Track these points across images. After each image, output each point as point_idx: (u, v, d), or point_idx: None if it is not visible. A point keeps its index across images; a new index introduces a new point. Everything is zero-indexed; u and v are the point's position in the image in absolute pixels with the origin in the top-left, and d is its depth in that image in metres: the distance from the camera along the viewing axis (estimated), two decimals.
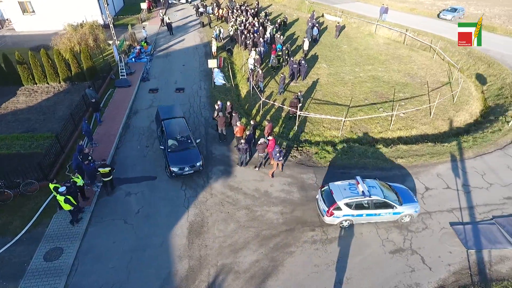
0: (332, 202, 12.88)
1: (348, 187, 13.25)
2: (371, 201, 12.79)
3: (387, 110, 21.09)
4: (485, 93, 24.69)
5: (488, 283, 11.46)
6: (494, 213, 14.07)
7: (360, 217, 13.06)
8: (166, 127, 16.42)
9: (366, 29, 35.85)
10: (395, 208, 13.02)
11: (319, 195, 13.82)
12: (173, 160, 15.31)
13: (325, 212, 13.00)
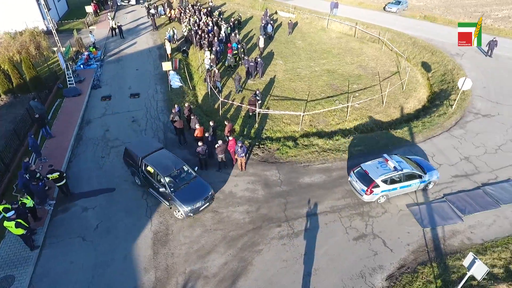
0: (370, 181, 13.77)
1: (379, 165, 14.31)
2: (402, 175, 13.96)
3: (342, 102, 21.80)
4: (431, 80, 26.36)
5: (443, 258, 12.25)
6: (444, 192, 15.06)
7: (394, 190, 14.15)
8: (153, 165, 13.61)
9: (318, 24, 36.78)
10: (422, 178, 14.38)
11: (352, 177, 14.59)
12: (184, 199, 13.08)
13: (364, 192, 13.81)
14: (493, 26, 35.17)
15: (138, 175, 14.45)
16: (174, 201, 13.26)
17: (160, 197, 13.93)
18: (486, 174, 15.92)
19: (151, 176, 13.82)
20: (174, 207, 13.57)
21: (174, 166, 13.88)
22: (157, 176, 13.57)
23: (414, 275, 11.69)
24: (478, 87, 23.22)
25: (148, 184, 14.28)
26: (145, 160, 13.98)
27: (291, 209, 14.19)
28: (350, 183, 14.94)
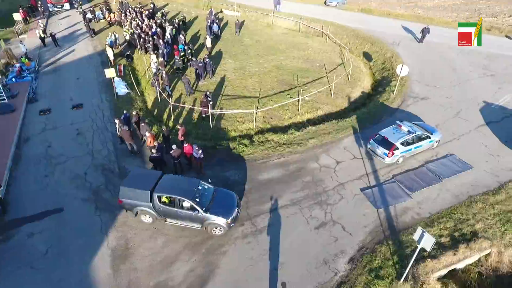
0: (391, 144, 15.84)
1: (394, 131, 16.52)
2: (415, 136, 16.28)
3: (293, 96, 22.31)
4: (372, 68, 27.92)
5: (397, 234, 13.09)
6: (393, 173, 16.08)
7: (409, 151, 16.37)
8: (171, 193, 12.66)
9: (264, 21, 37.21)
10: (430, 138, 16.72)
11: (372, 145, 16.58)
12: (221, 213, 12.60)
13: (386, 155, 15.85)
14: (424, 15, 38.10)
15: (151, 211, 12.93)
16: (209, 219, 12.55)
17: (187, 222, 12.92)
18: (428, 152, 17.23)
19: (170, 205, 12.73)
20: (210, 226, 12.74)
21: (193, 186, 13.06)
22: (180, 203, 12.58)
23: (373, 254, 12.36)
24: (414, 72, 25.01)
25: (166, 215, 13.06)
26: (156, 193, 12.71)
27: (253, 206, 14.26)
28: (370, 150, 16.89)
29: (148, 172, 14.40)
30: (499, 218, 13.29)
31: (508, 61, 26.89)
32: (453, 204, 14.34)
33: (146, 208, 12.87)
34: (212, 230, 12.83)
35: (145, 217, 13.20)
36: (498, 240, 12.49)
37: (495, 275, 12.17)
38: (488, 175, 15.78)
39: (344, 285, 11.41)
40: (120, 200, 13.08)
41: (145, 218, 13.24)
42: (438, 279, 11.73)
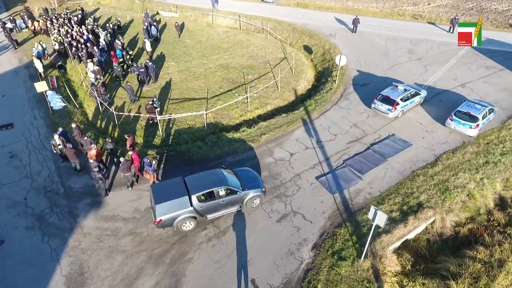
0: (393, 101, 19.03)
1: (393, 90, 19.82)
2: (410, 94, 19.64)
3: (241, 93, 22.40)
4: (314, 61, 29.04)
5: (353, 215, 13.84)
6: (343, 158, 16.93)
7: (406, 106, 19.65)
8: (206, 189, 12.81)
9: (204, 21, 36.76)
10: (420, 94, 20.33)
11: (375, 104, 19.77)
12: (255, 186, 13.71)
13: (390, 110, 19.04)
14: (353, 7, 40.43)
15: (194, 214, 12.75)
16: (249, 195, 13.47)
17: (227, 209, 13.45)
18: (372, 135, 18.43)
19: (210, 200, 12.96)
20: (249, 201, 13.63)
21: (219, 175, 13.53)
22: (218, 193, 13.02)
23: (333, 238, 12.93)
24: (352, 61, 26.50)
25: (207, 212, 13.08)
26: (194, 194, 12.65)
27: None
28: (374, 108, 20.05)
29: (169, 182, 13.53)
30: (438, 188, 14.67)
31: (430, 45, 29.66)
32: (399, 180, 15.52)
33: (188, 214, 12.62)
34: (251, 204, 13.80)
35: (186, 225, 12.93)
36: (440, 207, 13.79)
37: (441, 240, 13.43)
38: (425, 150, 17.32)
39: (311, 272, 11.80)
40: (159, 220, 12.26)
41: (186, 226, 12.97)
42: (394, 251, 12.64)
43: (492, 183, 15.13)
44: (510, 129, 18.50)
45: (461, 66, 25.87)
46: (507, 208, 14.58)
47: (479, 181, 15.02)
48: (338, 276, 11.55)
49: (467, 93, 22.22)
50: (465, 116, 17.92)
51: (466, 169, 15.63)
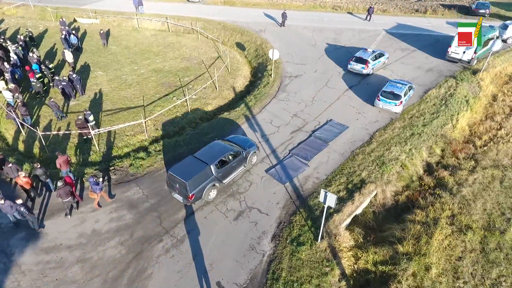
0: (365, 60, 23.56)
1: (364, 52, 24.40)
2: (377, 54, 24.41)
3: (180, 97, 21.84)
4: (248, 57, 29.41)
5: (305, 201, 14.44)
6: (289, 148, 17.51)
7: (375, 64, 24.36)
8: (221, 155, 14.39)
9: (129, 25, 34.90)
10: (384, 55, 25.11)
11: (351, 64, 24.21)
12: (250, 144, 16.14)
13: (364, 68, 23.47)
14: (278, 2, 41.73)
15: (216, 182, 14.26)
16: (250, 153, 15.73)
17: (237, 170, 15.29)
18: (312, 123, 19.33)
19: (225, 165, 14.52)
20: (250, 157, 15.80)
21: (221, 145, 15.27)
22: (229, 157, 14.62)
23: (290, 226, 13.37)
24: (284, 54, 27.39)
25: (224, 177, 14.68)
26: (211, 164, 13.98)
27: (167, 218, 13.62)
28: (350, 68, 24.30)
29: (184, 162, 14.30)
30: (376, 163, 15.97)
31: (351, 33, 31.94)
32: (342, 162, 16.56)
33: (212, 182, 14.04)
34: (251, 162, 16.03)
35: (211, 194, 14.27)
36: (379, 181, 15.04)
37: (384, 210, 14.69)
38: (361, 130, 18.69)
39: (274, 262, 12.07)
40: (191, 195, 13.27)
41: (210, 196, 14.30)
42: (346, 228, 13.50)
43: (419, 152, 16.91)
44: (428, 102, 20.81)
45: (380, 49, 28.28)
46: (434, 172, 16.44)
47: (408, 152, 16.68)
48: (300, 261, 11.99)
49: (388, 74, 24.42)
50: (390, 95, 19.70)
51: (397, 143, 17.24)
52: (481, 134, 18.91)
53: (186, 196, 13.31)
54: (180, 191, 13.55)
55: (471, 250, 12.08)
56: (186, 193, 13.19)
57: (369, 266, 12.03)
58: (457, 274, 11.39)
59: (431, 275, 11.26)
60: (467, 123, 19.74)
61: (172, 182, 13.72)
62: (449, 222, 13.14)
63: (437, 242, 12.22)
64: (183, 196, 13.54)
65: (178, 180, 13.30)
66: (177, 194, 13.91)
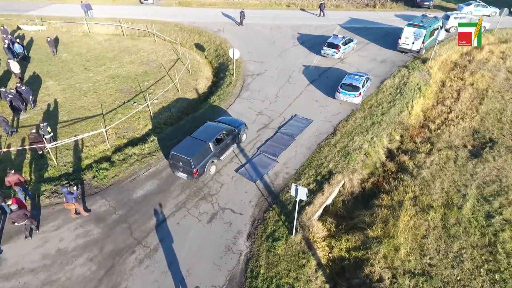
0: (337, 45, 25.74)
1: (334, 38, 26.62)
2: (347, 40, 26.82)
3: (141, 102, 21.15)
4: (208, 58, 29.14)
5: (277, 197, 14.61)
6: (257, 146, 17.60)
7: (346, 49, 26.59)
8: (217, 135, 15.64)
9: (79, 31, 33.16)
10: (353, 41, 27.73)
11: (324, 50, 26.21)
12: (239, 123, 17.53)
13: (335, 52, 25.70)
14: (235, 1, 41.70)
15: (214, 158, 15.51)
16: (241, 131, 17.18)
17: (231, 147, 16.69)
18: (277, 119, 19.57)
19: (220, 142, 15.74)
20: (241, 134, 17.18)
21: (214, 125, 16.56)
22: (224, 135, 15.92)
23: (264, 223, 13.47)
24: (244, 53, 27.45)
25: (221, 154, 15.97)
26: (210, 143, 15.13)
27: (138, 228, 13.17)
28: (323, 54, 26.29)
29: (183, 142, 15.23)
30: (341, 154, 16.52)
31: (308, 29, 32.72)
32: (309, 155, 16.93)
33: (212, 158, 15.28)
34: (241, 138, 17.35)
35: (212, 169, 15.59)
36: (346, 170, 15.58)
37: (353, 197, 15.25)
38: (325, 123, 19.22)
39: (251, 261, 12.10)
40: (196, 171, 14.37)
41: (212, 170, 15.61)
42: (318, 219, 13.84)
43: (380, 140, 17.74)
44: (384, 92, 21.87)
45: None
46: (395, 158, 17.33)
47: (370, 140, 17.44)
48: (276, 256, 12.13)
49: (346, 67, 25.33)
50: (349, 87, 20.44)
51: (359, 133, 17.95)
52: (434, 118, 20.21)
53: (190, 172, 14.43)
54: (184, 169, 14.61)
55: (434, 228, 12.90)
56: (190, 169, 14.33)
57: (343, 253, 12.44)
58: (423, 251, 12.12)
59: (400, 255, 11.88)
60: (421, 109, 21.00)
61: (175, 162, 14.73)
62: (412, 203, 13.92)
63: (403, 224, 12.90)
64: (188, 173, 14.62)
65: (182, 158, 14.33)
66: (180, 172, 14.90)
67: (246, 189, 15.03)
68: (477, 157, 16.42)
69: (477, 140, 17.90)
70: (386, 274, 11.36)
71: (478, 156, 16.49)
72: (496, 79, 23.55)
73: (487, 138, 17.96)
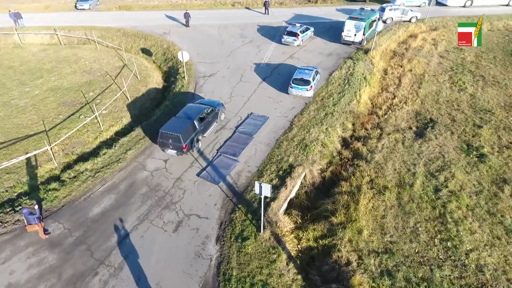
0: (295, 33, 27.93)
1: (293, 27, 28.63)
2: (304, 28, 28.98)
3: (88, 114, 19.90)
4: (156, 62, 28.22)
5: (242, 197, 14.59)
6: (216, 147, 17.43)
7: (304, 36, 28.92)
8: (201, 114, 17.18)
9: (9, 42, 30.31)
10: (310, 29, 29.99)
11: (284, 38, 28.26)
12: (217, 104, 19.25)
13: (295, 40, 28.06)
14: (178, 2, 40.80)
15: (199, 134, 16.96)
16: (220, 110, 18.92)
17: (213, 124, 18.31)
18: (234, 119, 19.54)
19: (203, 120, 17.25)
20: (220, 114, 18.85)
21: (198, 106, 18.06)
22: (206, 114, 17.52)
23: (232, 224, 13.40)
24: (194, 55, 26.99)
25: (204, 131, 17.43)
26: (195, 120, 16.62)
27: (99, 248, 12.42)
28: (284, 41, 28.34)
29: (170, 121, 16.61)
30: (300, 147, 16.94)
31: (254, 28, 33.04)
32: (269, 152, 17.12)
33: (198, 135, 16.78)
34: (221, 116, 19.03)
35: (197, 145, 16.99)
36: (306, 162, 16.02)
37: (315, 188, 15.73)
38: (281, 119, 19.56)
39: (223, 264, 11.98)
40: (185, 146, 15.70)
41: (199, 145, 17.10)
42: (284, 213, 14.08)
43: (334, 129, 18.47)
44: (333, 83, 22.78)
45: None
46: (350, 145, 18.16)
47: (325, 131, 18.08)
48: (247, 255, 12.14)
49: (295, 62, 25.97)
50: (300, 82, 21.00)
51: (314, 125, 18.54)
52: (380, 104, 21.49)
53: (180, 147, 15.67)
54: (173, 146, 15.81)
55: (390, 207, 13.75)
56: (180, 144, 15.59)
57: (311, 243, 12.79)
58: (384, 230, 12.87)
59: (363, 237, 12.50)
60: (368, 97, 22.21)
61: (164, 140, 15.88)
62: (370, 186, 14.71)
63: (363, 207, 13.59)
64: (177, 149, 15.85)
65: (171, 135, 15.63)
66: (170, 149, 16.05)
67: (209, 193, 14.83)
68: (422, 137, 17.77)
69: (420, 122, 19.37)
70: (353, 256, 11.90)
71: (422, 136, 17.86)
72: (430, 64, 25.64)
73: (428, 119, 19.51)
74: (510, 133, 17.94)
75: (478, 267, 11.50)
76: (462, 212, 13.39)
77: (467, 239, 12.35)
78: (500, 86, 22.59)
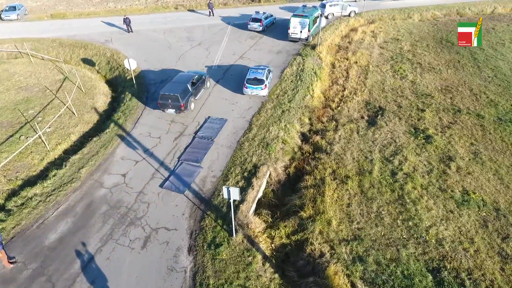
0: (260, 19, 30.78)
1: (257, 14, 31.90)
2: (268, 15, 32.54)
3: (29, 134, 18.21)
4: (101, 72, 26.65)
5: (209, 203, 14.32)
6: (177, 155, 16.90)
7: (267, 22, 31.81)
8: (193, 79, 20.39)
9: None
10: (272, 17, 33.20)
11: (250, 24, 30.88)
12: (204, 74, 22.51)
13: (260, 26, 31.00)
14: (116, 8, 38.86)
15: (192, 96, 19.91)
16: (206, 78, 22.27)
17: (202, 90, 21.38)
18: (192, 124, 19.10)
19: (195, 85, 20.20)
20: (206, 81, 22.18)
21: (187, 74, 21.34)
22: (197, 80, 20.65)
23: (203, 232, 13.10)
24: (141, 62, 25.89)
25: (195, 94, 20.31)
26: (188, 84, 19.66)
27: (60, 278, 11.42)
28: (250, 28, 31.10)
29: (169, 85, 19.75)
30: (261, 146, 17.06)
31: (202, 29, 32.63)
32: (231, 154, 17.00)
33: (191, 97, 19.64)
34: (207, 83, 22.27)
35: (191, 106, 19.79)
36: (269, 161, 16.16)
37: (281, 185, 15.94)
38: (239, 120, 19.52)
39: (198, 274, 11.65)
40: (183, 104, 18.62)
41: (192, 105, 19.88)
42: (254, 214, 14.08)
43: (292, 125, 18.88)
44: (286, 80, 23.26)
45: (233, 41, 29.88)
46: (309, 140, 18.69)
47: (284, 128, 18.41)
48: (223, 262, 11.96)
49: (247, 62, 26.08)
50: (254, 81, 21.14)
51: (273, 123, 18.78)
52: (333, 97, 22.41)
53: (178, 106, 18.59)
54: (172, 105, 18.67)
55: (354, 195, 14.40)
56: (178, 103, 18.50)
57: (284, 240, 12.96)
58: (350, 218, 13.43)
59: (333, 227, 12.94)
60: (320, 91, 23.03)
61: (164, 101, 18.76)
62: (332, 177, 15.27)
63: (329, 198, 14.07)
64: (176, 108, 18.74)
65: (170, 96, 18.54)
66: (170, 109, 18.90)
67: (175, 203, 14.35)
68: (374, 125, 18.84)
69: (370, 110, 20.52)
70: (325, 248, 12.27)
71: (374, 124, 18.94)
72: (372, 55, 27.27)
73: (377, 107, 20.73)
74: (449, 114, 19.72)
75: (437, 241, 12.47)
76: (417, 191, 14.43)
77: (425, 216, 13.35)
78: (436, 71, 24.73)
